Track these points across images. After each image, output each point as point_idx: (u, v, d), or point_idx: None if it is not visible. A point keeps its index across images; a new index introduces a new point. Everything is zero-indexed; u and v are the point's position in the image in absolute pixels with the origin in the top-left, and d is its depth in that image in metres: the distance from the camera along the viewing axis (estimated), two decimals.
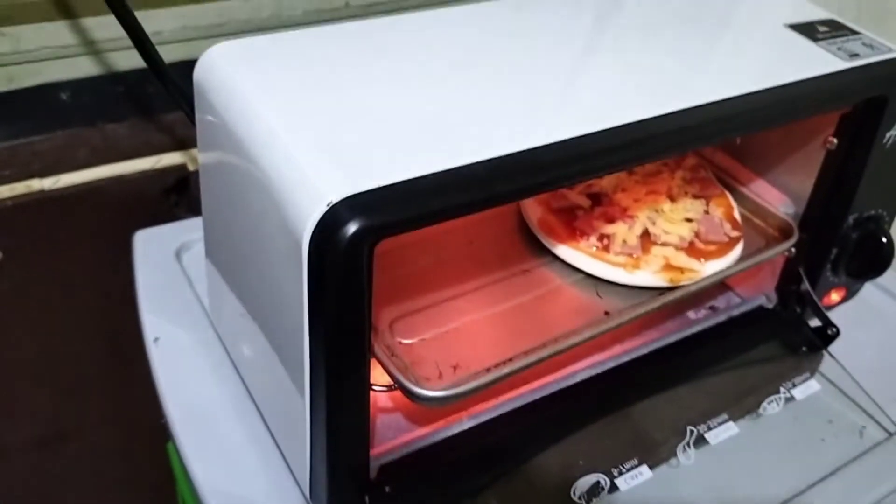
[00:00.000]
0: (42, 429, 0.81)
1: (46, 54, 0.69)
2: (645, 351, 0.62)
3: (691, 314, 0.67)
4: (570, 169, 0.44)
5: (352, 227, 0.38)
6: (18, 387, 0.78)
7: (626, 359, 0.61)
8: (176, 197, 0.75)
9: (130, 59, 0.72)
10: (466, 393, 0.47)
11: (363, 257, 0.39)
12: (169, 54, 0.63)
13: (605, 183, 0.63)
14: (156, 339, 0.63)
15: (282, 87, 0.47)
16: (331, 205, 0.39)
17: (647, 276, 0.57)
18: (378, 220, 0.39)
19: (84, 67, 0.71)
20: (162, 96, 0.68)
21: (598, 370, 0.60)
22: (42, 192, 0.71)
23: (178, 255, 0.71)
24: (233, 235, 0.52)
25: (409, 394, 0.47)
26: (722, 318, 0.66)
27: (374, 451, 0.52)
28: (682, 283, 0.57)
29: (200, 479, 0.54)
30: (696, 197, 0.64)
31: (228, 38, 0.52)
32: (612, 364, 0.60)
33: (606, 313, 0.56)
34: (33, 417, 0.80)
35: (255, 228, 0.46)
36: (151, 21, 0.73)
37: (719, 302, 0.69)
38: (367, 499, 0.50)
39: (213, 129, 0.49)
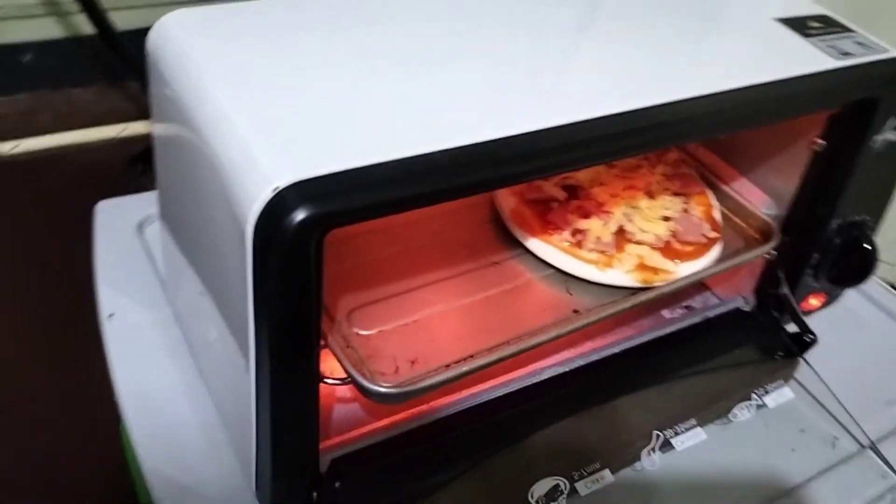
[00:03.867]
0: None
1: (7, 13, 0.66)
2: (615, 350, 0.60)
3: (666, 313, 0.65)
4: (536, 163, 0.42)
5: (298, 216, 0.36)
6: None
7: (595, 357, 0.59)
8: (142, 167, 0.73)
9: None
10: (419, 391, 0.46)
11: (310, 247, 0.37)
12: (129, 21, 0.60)
13: (583, 176, 0.61)
14: (110, 315, 0.61)
15: (237, 61, 0.44)
16: (277, 190, 0.36)
17: (620, 275, 0.55)
18: (326, 208, 0.36)
19: (49, 29, 0.68)
20: None
21: (566, 368, 0.58)
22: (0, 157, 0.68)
23: (140, 227, 0.69)
24: (184, 212, 0.50)
25: (361, 389, 0.45)
26: (697, 318, 0.64)
27: (326, 444, 0.50)
28: (654, 285, 0.55)
29: (147, 464, 0.52)
30: (675, 194, 0.62)
31: (191, 5, 0.49)
32: (580, 362, 0.58)
33: (575, 311, 0.54)
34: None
35: (204, 208, 0.44)
36: None
37: (696, 302, 0.67)
38: (315, 495, 0.48)
39: (164, 100, 0.47)
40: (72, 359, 0.67)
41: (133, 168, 0.74)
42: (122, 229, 0.68)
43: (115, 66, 0.72)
